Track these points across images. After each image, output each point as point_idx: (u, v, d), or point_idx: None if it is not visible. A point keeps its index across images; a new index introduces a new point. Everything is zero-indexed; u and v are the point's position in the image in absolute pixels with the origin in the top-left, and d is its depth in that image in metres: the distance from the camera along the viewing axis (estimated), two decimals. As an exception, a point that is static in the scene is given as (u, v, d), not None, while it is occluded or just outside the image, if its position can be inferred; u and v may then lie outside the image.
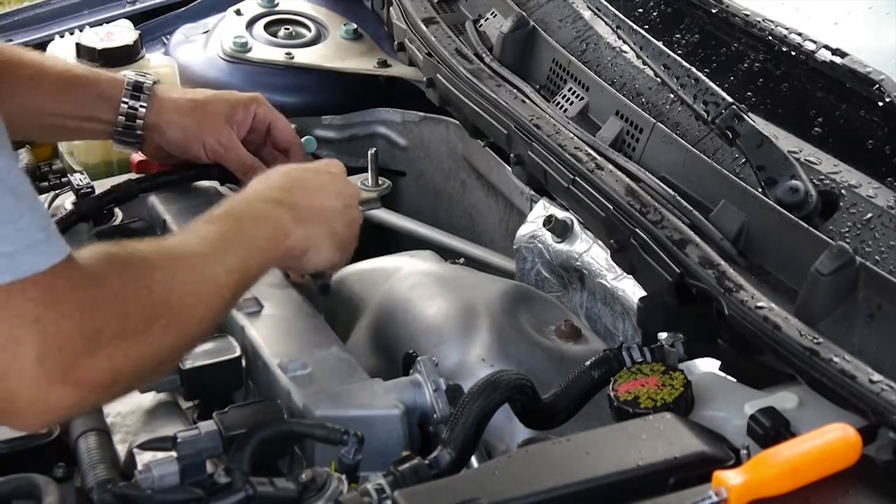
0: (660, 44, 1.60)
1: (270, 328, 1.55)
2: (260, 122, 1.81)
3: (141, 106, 1.74)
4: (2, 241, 1.11)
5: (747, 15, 1.61)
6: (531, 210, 1.86)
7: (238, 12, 2.32)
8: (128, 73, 1.77)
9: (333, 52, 2.27)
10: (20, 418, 1.19)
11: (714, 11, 1.66)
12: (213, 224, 1.39)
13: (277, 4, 2.34)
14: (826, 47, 1.49)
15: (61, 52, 2.13)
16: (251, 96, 1.81)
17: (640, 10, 1.78)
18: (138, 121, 1.74)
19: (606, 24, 1.74)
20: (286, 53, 2.24)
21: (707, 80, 1.51)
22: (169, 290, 1.27)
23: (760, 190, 1.41)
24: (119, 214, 1.80)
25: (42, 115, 1.77)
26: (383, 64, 2.22)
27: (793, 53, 1.53)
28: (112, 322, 1.19)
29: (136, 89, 1.74)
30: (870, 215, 1.34)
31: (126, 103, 1.74)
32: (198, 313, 1.30)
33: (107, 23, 2.24)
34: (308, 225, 1.49)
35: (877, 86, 1.41)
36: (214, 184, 1.84)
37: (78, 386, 1.16)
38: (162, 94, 1.76)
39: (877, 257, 1.29)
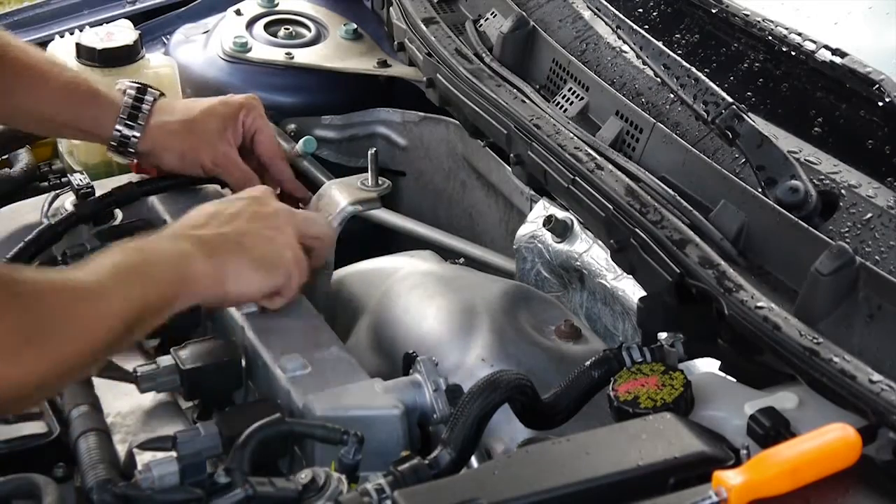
0: (660, 44, 1.60)
1: (270, 328, 1.55)
2: (247, 130, 1.81)
3: (133, 136, 1.76)
4: None
5: (747, 15, 1.61)
6: (531, 210, 1.86)
7: (238, 12, 2.32)
8: (127, 91, 1.77)
9: (333, 52, 2.27)
10: None
11: (714, 11, 1.66)
12: (117, 254, 1.36)
13: (277, 4, 2.34)
14: (826, 47, 1.49)
15: (61, 52, 2.12)
16: (240, 103, 1.81)
17: (640, 10, 1.78)
18: (131, 145, 1.76)
19: (606, 24, 1.74)
20: (286, 53, 2.24)
21: (707, 80, 1.51)
22: (41, 318, 1.24)
23: (760, 190, 1.41)
24: (119, 215, 1.80)
25: (42, 120, 1.79)
26: (383, 64, 2.22)
27: (793, 53, 1.53)
28: None
29: (132, 116, 1.75)
30: (870, 215, 1.34)
31: (119, 132, 1.75)
32: (74, 346, 1.27)
33: (107, 23, 2.24)
34: (217, 255, 1.44)
35: (877, 86, 1.41)
36: (216, 186, 1.84)
37: None
38: (156, 118, 1.76)
39: (877, 257, 1.29)
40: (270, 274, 1.50)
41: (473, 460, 1.34)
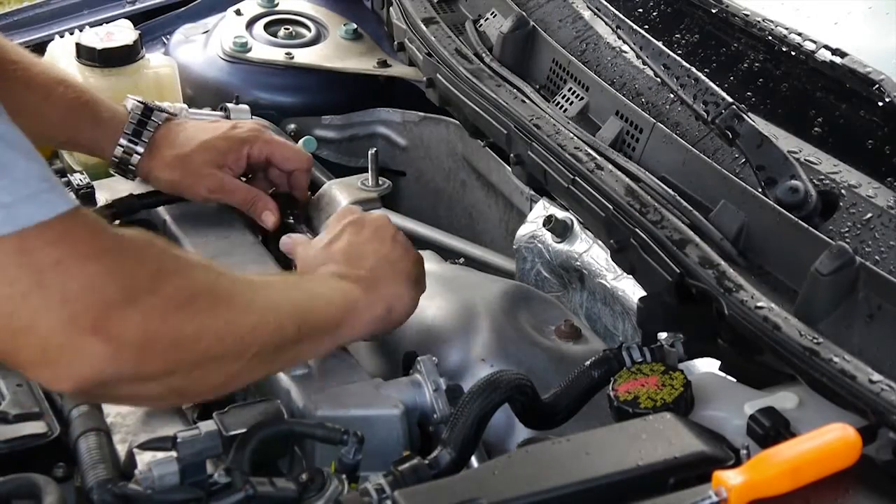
0: (660, 44, 1.60)
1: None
2: (256, 159, 1.81)
3: (136, 154, 1.77)
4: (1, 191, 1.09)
5: (747, 15, 1.61)
6: (531, 210, 1.86)
7: (238, 12, 2.32)
8: (132, 111, 1.78)
9: (333, 52, 2.27)
10: (54, 371, 1.15)
11: (714, 11, 1.66)
12: (276, 275, 1.41)
13: (277, 4, 2.34)
14: (826, 47, 1.49)
15: (61, 52, 2.13)
16: (243, 138, 1.80)
17: (640, 10, 1.78)
18: (132, 163, 1.78)
19: (606, 24, 1.74)
20: (286, 53, 2.24)
21: (707, 80, 1.51)
22: (213, 278, 1.26)
23: (760, 190, 1.41)
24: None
25: (43, 138, 1.79)
26: (383, 64, 2.22)
27: (793, 53, 1.53)
28: (145, 276, 1.16)
29: (136, 133, 1.76)
30: (870, 215, 1.34)
31: (121, 148, 1.76)
32: (249, 318, 1.27)
33: (107, 23, 2.24)
34: (377, 288, 1.48)
35: (877, 86, 1.41)
36: None
37: (109, 337, 1.13)
38: (157, 144, 1.77)
39: (877, 257, 1.29)
40: (420, 283, 1.56)
41: (473, 460, 1.34)
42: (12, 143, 1.13)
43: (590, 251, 1.73)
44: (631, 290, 1.63)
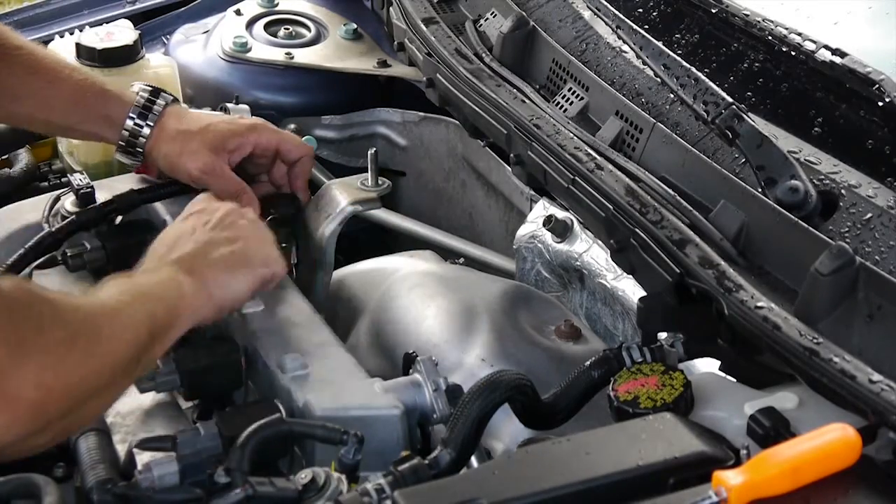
0: (660, 44, 1.60)
1: (270, 328, 1.55)
2: (264, 148, 1.80)
3: (144, 130, 1.76)
4: None
5: (747, 15, 1.61)
6: (531, 210, 1.86)
7: (238, 12, 2.32)
8: (140, 92, 1.77)
9: (333, 52, 2.27)
10: None
11: (714, 11, 1.66)
12: (111, 288, 1.35)
13: (277, 4, 2.34)
14: (826, 47, 1.49)
15: (61, 52, 2.12)
16: (249, 125, 1.80)
17: (640, 10, 1.78)
18: (139, 144, 1.76)
19: (606, 24, 1.74)
20: (286, 53, 2.24)
21: (707, 80, 1.51)
22: (82, 318, 1.25)
23: (760, 190, 1.41)
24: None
25: (49, 124, 1.81)
26: (383, 64, 2.22)
27: (793, 53, 1.53)
28: (30, 331, 1.17)
29: (144, 113, 1.76)
30: (870, 215, 1.34)
31: (130, 123, 1.75)
32: (116, 346, 1.27)
33: (107, 23, 2.24)
34: (195, 274, 1.44)
35: (877, 86, 1.41)
36: None
37: (8, 403, 1.14)
38: (165, 120, 1.76)
39: (877, 257, 1.29)
40: (249, 269, 1.50)
41: (473, 460, 1.34)
42: None
43: (590, 251, 1.73)
44: (631, 290, 1.63)
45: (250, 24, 2.30)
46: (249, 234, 1.54)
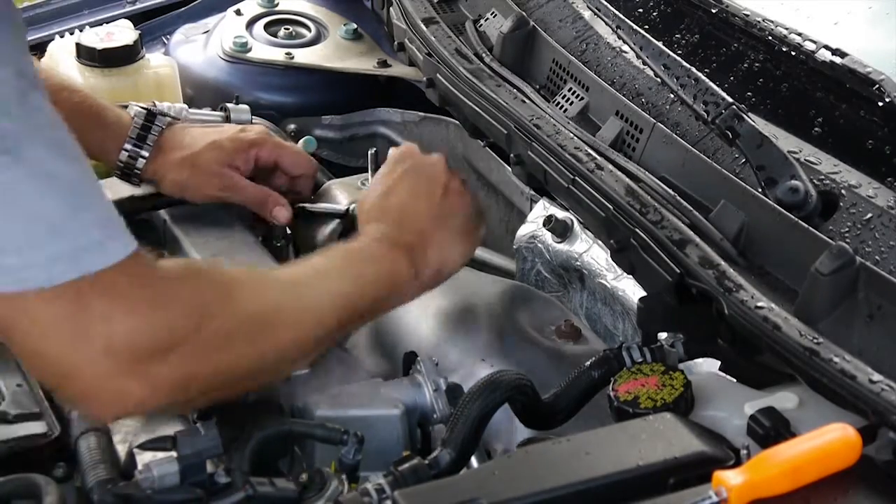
0: (660, 44, 1.60)
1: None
2: (265, 162, 1.81)
3: (141, 158, 1.76)
4: (61, 240, 1.14)
5: (747, 15, 1.61)
6: (531, 210, 1.86)
7: (238, 12, 2.32)
8: (136, 117, 1.77)
9: (333, 52, 2.27)
10: (97, 408, 1.24)
11: (714, 11, 1.66)
12: (321, 256, 1.41)
13: (277, 4, 2.34)
14: (826, 47, 1.49)
15: (61, 52, 2.12)
16: (252, 140, 1.80)
17: (640, 10, 1.78)
18: (137, 167, 1.77)
19: (606, 24, 1.74)
20: (286, 53, 2.24)
21: (707, 80, 1.51)
22: (254, 305, 1.28)
23: (760, 190, 1.41)
24: None
25: None
26: (383, 64, 2.22)
27: (793, 53, 1.53)
28: (187, 323, 1.21)
29: (140, 138, 1.76)
30: (870, 215, 1.34)
31: (126, 152, 1.76)
32: (291, 333, 1.31)
33: (107, 23, 2.24)
34: (425, 253, 1.49)
35: (877, 86, 1.41)
36: None
37: (147, 381, 1.20)
38: (163, 146, 1.76)
39: (877, 257, 1.29)
40: (474, 235, 1.57)
41: (473, 460, 1.34)
42: (83, 178, 1.18)
43: (590, 251, 1.73)
44: (631, 290, 1.63)
45: (250, 24, 2.30)
46: (464, 198, 1.58)
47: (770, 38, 1.57)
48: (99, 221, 1.18)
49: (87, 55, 2.06)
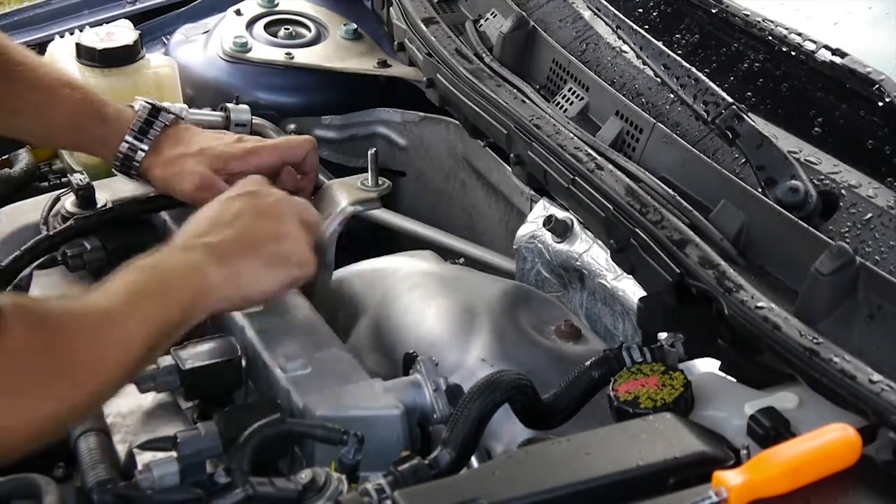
0: (660, 44, 1.60)
1: (270, 328, 1.55)
2: (270, 167, 1.78)
3: (141, 150, 1.75)
4: None
5: (747, 15, 1.61)
6: (531, 210, 1.86)
7: (238, 12, 2.32)
8: (140, 111, 1.77)
9: (333, 52, 2.27)
10: None
11: (714, 11, 1.66)
12: (130, 274, 1.35)
13: (277, 4, 2.34)
14: (826, 47, 1.49)
15: (61, 52, 2.12)
16: (249, 149, 1.78)
17: (640, 10, 1.78)
18: (136, 160, 1.76)
19: (606, 24, 1.74)
20: (286, 53, 2.24)
21: (707, 80, 1.51)
22: (72, 350, 1.24)
23: (760, 190, 1.41)
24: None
25: (50, 140, 1.85)
26: (383, 64, 2.22)
27: (793, 53, 1.53)
28: (9, 378, 1.18)
29: (142, 131, 1.75)
30: (870, 215, 1.34)
31: (122, 151, 1.75)
32: (104, 372, 1.27)
33: (107, 23, 2.24)
34: (229, 261, 1.43)
35: (877, 86, 1.41)
36: None
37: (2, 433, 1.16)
38: (163, 142, 1.76)
39: (877, 257, 1.29)
40: (285, 268, 1.49)
41: (473, 460, 1.34)
42: None
43: (590, 251, 1.73)
44: (631, 290, 1.63)
45: (250, 24, 2.30)
46: (292, 231, 1.51)
47: (770, 38, 1.57)
48: None
49: (87, 55, 2.06)
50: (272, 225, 1.50)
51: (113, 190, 1.81)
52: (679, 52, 1.62)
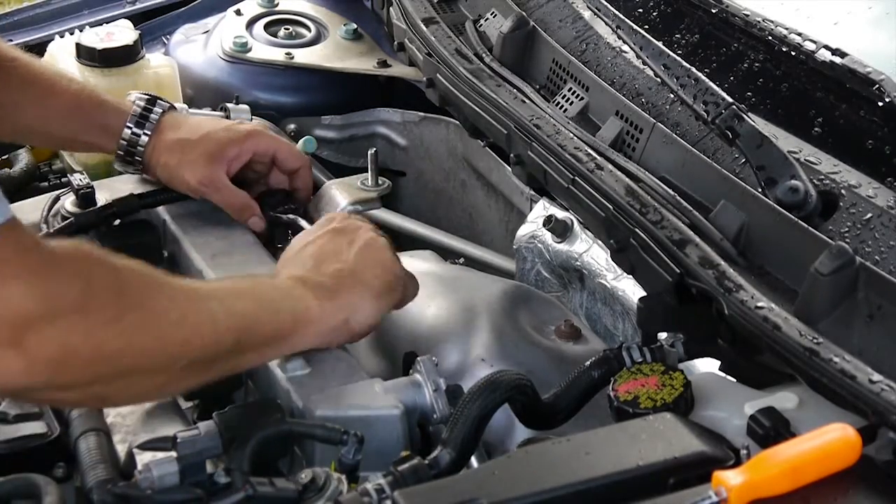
0: (660, 44, 1.60)
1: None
2: (262, 155, 1.81)
3: (143, 138, 1.76)
4: None
5: (747, 15, 1.61)
6: (531, 210, 1.86)
7: (238, 12, 2.32)
8: (136, 101, 1.77)
9: (333, 52, 2.27)
10: None
11: (714, 11, 1.66)
12: (231, 278, 1.38)
13: (277, 4, 2.34)
14: (826, 47, 1.49)
15: (61, 52, 2.12)
16: (248, 131, 1.80)
17: (640, 10, 1.78)
18: (138, 153, 1.77)
19: (606, 24, 1.74)
20: (286, 53, 2.24)
21: (707, 80, 1.51)
22: (147, 295, 1.24)
23: (760, 190, 1.41)
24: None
25: (48, 135, 1.81)
26: (383, 64, 2.22)
27: (793, 53, 1.53)
28: (71, 293, 1.17)
29: (142, 119, 1.76)
30: (869, 215, 1.34)
31: (128, 131, 1.76)
32: (182, 333, 1.27)
33: (107, 23, 2.24)
34: (339, 297, 1.46)
35: (877, 86, 1.41)
36: None
37: (24, 352, 1.14)
38: (162, 128, 1.76)
39: (877, 257, 1.29)
40: (391, 296, 1.53)
41: (473, 460, 1.34)
42: None
43: (590, 251, 1.73)
44: (631, 290, 1.63)
45: (250, 24, 2.30)
46: (387, 258, 1.55)
47: (770, 38, 1.57)
48: None
49: (87, 55, 2.06)
50: (374, 255, 1.53)
51: (113, 190, 1.81)
52: (679, 52, 1.62)
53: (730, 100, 1.47)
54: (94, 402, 1.34)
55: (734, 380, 1.37)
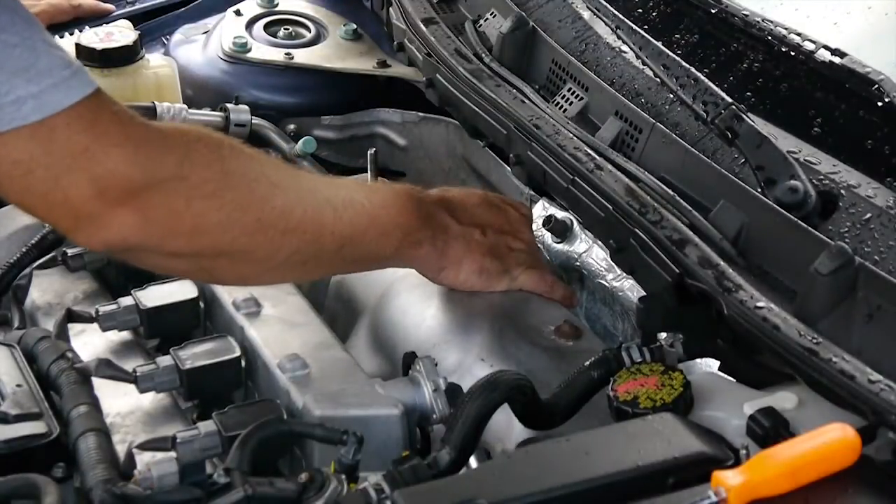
0: (659, 44, 1.60)
1: (270, 328, 1.55)
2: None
3: None
4: (25, 84, 1.15)
5: (747, 15, 1.61)
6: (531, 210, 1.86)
7: (238, 12, 2.32)
8: None
9: (333, 52, 2.27)
10: (87, 235, 1.26)
11: (714, 11, 1.66)
12: (354, 182, 1.45)
13: (277, 4, 2.34)
14: (825, 47, 1.49)
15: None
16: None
17: (640, 10, 1.78)
18: None
19: (606, 24, 1.74)
20: (286, 53, 2.24)
21: (706, 80, 1.51)
22: (244, 167, 1.29)
23: (760, 190, 1.41)
24: None
25: None
26: (383, 64, 2.22)
27: (792, 53, 1.53)
28: (170, 162, 1.23)
29: None
30: (869, 215, 1.34)
31: None
32: (285, 222, 1.32)
33: (107, 23, 2.24)
34: (442, 233, 1.52)
35: (876, 86, 1.41)
36: None
37: (136, 210, 1.21)
38: None
39: (876, 257, 1.29)
40: (491, 281, 1.58)
41: (473, 460, 1.34)
42: (33, 33, 1.19)
43: (590, 251, 1.73)
44: (631, 290, 1.63)
45: (250, 24, 2.30)
46: (528, 241, 1.62)
47: (770, 38, 1.57)
48: (61, 63, 1.19)
49: (86, 55, 2.06)
50: (507, 242, 1.60)
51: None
52: (678, 52, 1.62)
53: (729, 100, 1.47)
54: (201, 275, 1.41)
55: (733, 380, 1.37)
